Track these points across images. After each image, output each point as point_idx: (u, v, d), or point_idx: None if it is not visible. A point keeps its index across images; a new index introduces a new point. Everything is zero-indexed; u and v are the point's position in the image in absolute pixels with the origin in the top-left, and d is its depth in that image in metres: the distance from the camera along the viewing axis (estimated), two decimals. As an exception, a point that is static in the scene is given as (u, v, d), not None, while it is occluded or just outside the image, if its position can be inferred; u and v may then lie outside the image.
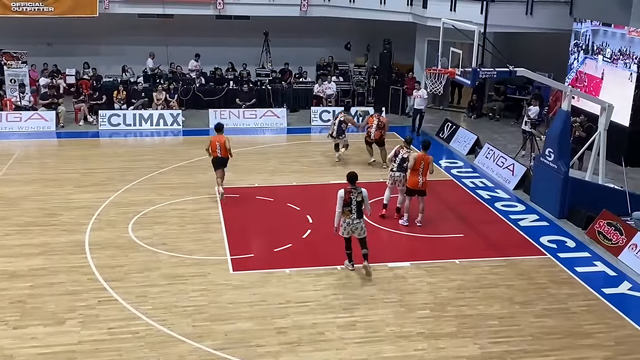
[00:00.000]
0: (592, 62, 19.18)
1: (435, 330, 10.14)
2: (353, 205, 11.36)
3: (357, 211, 11.41)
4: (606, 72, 18.59)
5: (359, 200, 11.40)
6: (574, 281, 11.84)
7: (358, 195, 11.38)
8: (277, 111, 22.59)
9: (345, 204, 11.38)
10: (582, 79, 19.52)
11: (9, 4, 22.81)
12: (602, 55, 18.72)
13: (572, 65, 20.03)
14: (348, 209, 11.38)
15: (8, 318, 10.17)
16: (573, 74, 20.01)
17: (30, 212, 14.42)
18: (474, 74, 14.03)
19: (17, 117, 21.18)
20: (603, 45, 18.68)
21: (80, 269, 11.82)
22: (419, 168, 13.69)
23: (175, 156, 18.60)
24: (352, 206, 11.37)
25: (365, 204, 11.51)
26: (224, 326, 10.08)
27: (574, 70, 19.85)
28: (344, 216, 11.44)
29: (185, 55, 25.10)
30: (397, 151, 14.17)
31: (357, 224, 11.48)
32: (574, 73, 19.98)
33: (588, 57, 19.31)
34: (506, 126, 22.35)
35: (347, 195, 11.38)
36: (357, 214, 11.42)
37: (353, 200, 11.35)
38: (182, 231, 13.57)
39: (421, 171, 13.73)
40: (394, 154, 14.23)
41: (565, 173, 14.52)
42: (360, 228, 11.53)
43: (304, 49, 26.07)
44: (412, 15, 23.46)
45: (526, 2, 21.33)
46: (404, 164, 14.03)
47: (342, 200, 11.37)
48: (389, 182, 14.39)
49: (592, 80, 19.10)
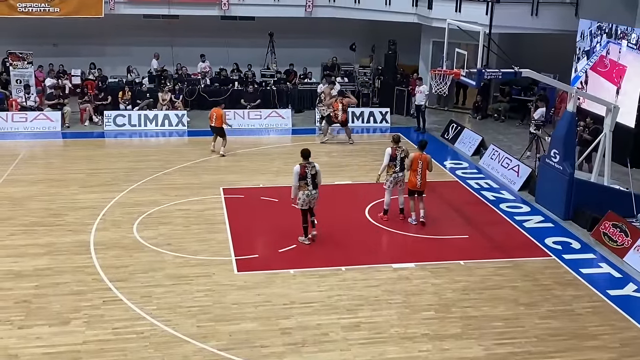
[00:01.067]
0: (615, 47, 18.06)
1: (440, 331, 10.13)
2: (308, 178, 12.61)
3: (312, 183, 12.64)
4: (631, 60, 17.43)
5: (313, 174, 12.63)
6: (579, 283, 11.81)
7: (312, 169, 12.64)
8: (282, 112, 22.61)
9: (301, 177, 12.61)
10: (604, 64, 18.57)
11: (15, 5, 22.90)
12: (627, 40, 17.54)
13: (595, 49, 18.94)
14: (304, 182, 12.63)
15: (13, 318, 10.20)
16: (594, 59, 18.83)
17: (35, 212, 14.47)
18: (479, 75, 14.02)
19: (22, 117, 21.24)
20: (628, 30, 17.50)
21: (85, 269, 11.85)
22: (417, 168, 13.77)
23: (180, 157, 18.64)
24: (307, 179, 12.61)
25: (318, 176, 12.72)
26: (228, 327, 10.09)
27: (597, 54, 18.80)
28: (301, 189, 12.62)
29: (191, 56, 25.14)
30: (393, 155, 14.04)
31: (315, 194, 12.75)
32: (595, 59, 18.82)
33: (611, 42, 18.21)
34: (511, 127, 22.32)
35: (302, 169, 12.64)
36: (312, 186, 12.66)
37: (308, 173, 12.60)
38: (187, 231, 13.59)
39: (419, 171, 13.74)
40: (390, 157, 14.04)
41: (570, 174, 14.49)
42: (316, 198, 12.83)
43: (308, 50, 26.13)
44: (417, 16, 23.47)
45: (531, 3, 21.31)
46: (404, 162, 14.08)
47: (297, 175, 12.61)
48: (390, 184, 14.17)
49: (615, 66, 18.11)
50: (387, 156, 14.00)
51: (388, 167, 13.94)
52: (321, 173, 12.88)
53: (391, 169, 13.93)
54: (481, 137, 19.68)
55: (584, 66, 19.23)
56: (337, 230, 13.78)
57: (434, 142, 20.83)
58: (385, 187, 14.24)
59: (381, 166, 14.13)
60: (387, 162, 14.04)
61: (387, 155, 14.01)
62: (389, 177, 14.07)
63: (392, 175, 14.04)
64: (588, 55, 19.18)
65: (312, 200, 12.80)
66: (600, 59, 18.67)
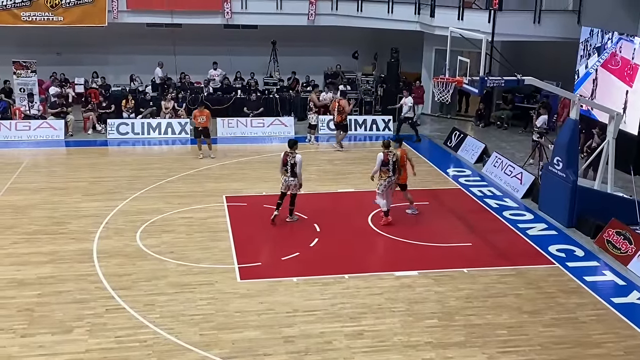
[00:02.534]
0: (628, 45, 17.65)
1: (444, 339, 10.09)
2: (288, 166, 13.92)
3: (291, 171, 13.92)
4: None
5: (292, 163, 13.86)
6: (583, 290, 11.77)
7: (292, 158, 13.89)
8: (285, 120, 22.63)
9: (283, 164, 13.98)
10: (616, 61, 18.14)
11: (19, 14, 23.00)
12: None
13: (606, 46, 18.57)
14: (285, 168, 13.98)
15: (16, 326, 10.19)
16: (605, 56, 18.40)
17: (38, 220, 14.48)
18: (482, 83, 14.02)
19: (26, 125, 21.30)
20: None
21: (88, 277, 11.85)
22: (404, 163, 14.66)
23: (183, 165, 18.66)
24: (287, 167, 13.93)
25: (297, 167, 13.88)
26: (231, 335, 10.07)
27: (608, 51, 18.47)
28: (282, 175, 14.09)
29: (194, 64, 25.21)
30: (385, 160, 14.19)
31: (290, 181, 14.04)
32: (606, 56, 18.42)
33: (623, 38, 17.85)
34: (514, 135, 22.31)
35: (284, 157, 14.01)
36: (290, 174, 13.95)
37: (288, 162, 13.93)
38: (190, 239, 13.59)
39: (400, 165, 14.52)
40: (382, 163, 14.20)
41: (573, 182, 14.46)
42: (293, 185, 14.08)
43: (311, 58, 26.17)
44: (419, 24, 23.50)
45: (534, 10, 21.33)
46: (396, 166, 14.29)
47: (281, 162, 14.05)
48: (384, 188, 14.29)
49: (627, 64, 17.76)
50: (379, 161, 14.17)
51: (382, 172, 14.18)
52: (301, 165, 13.97)
53: (385, 173, 14.17)
54: (484, 144, 19.67)
55: (595, 63, 19.07)
56: (340, 238, 13.77)
57: (437, 150, 20.90)
58: (379, 191, 14.33)
59: (372, 170, 14.52)
60: (378, 167, 14.23)
61: (379, 160, 14.18)
62: (383, 181, 14.23)
63: (386, 180, 14.19)
64: (599, 52, 18.94)
65: (290, 187, 14.09)
66: (611, 56, 18.40)
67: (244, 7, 24.46)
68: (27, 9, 23.01)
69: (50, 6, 23.10)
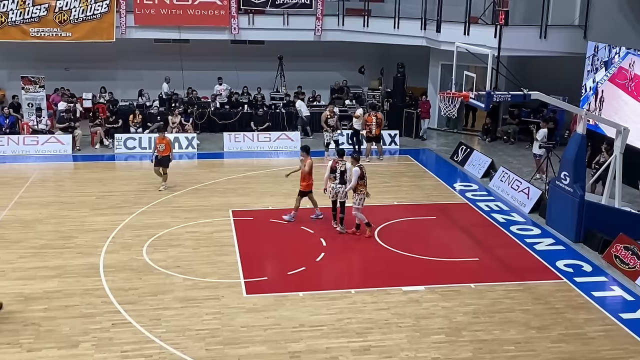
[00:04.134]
0: (638, 59, 17.47)
1: (451, 355, 10.03)
2: (337, 173, 14.37)
3: (340, 178, 14.41)
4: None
5: (342, 170, 14.36)
6: (591, 306, 11.70)
7: (342, 165, 14.37)
8: (291, 134, 22.69)
9: (332, 171, 14.52)
10: (624, 76, 18.11)
11: (28, 30, 23.21)
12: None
13: (613, 60, 18.42)
14: (333, 175, 14.49)
15: (22, 340, 10.19)
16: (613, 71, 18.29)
17: (45, 234, 14.52)
18: (488, 98, 14.03)
19: (34, 140, 21.41)
20: None
21: (95, 291, 11.85)
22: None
23: (190, 179, 18.69)
24: (336, 174, 14.39)
25: (348, 173, 14.26)
26: (237, 350, 10.04)
27: (615, 65, 18.40)
28: (330, 182, 14.60)
29: (201, 79, 25.34)
30: (333, 167, 14.56)
31: (339, 189, 14.49)
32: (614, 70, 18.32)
33: (631, 53, 17.71)
34: (521, 149, 22.28)
35: (333, 164, 14.52)
36: (339, 181, 14.42)
37: (338, 169, 14.38)
38: (196, 254, 13.59)
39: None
40: (331, 170, 14.57)
41: (581, 196, 14.42)
42: (342, 193, 14.48)
43: (317, 73, 26.28)
44: (425, 40, 23.58)
45: (540, 25, 21.36)
46: (344, 176, 14.45)
47: (329, 169, 14.60)
48: (332, 195, 14.58)
49: (636, 79, 17.50)
50: (357, 176, 14.22)
51: (359, 185, 14.30)
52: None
53: (362, 187, 14.35)
54: (491, 159, 19.65)
55: (602, 77, 19.06)
56: (346, 253, 13.74)
57: (444, 164, 20.89)
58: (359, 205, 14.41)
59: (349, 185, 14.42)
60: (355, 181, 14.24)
61: (357, 175, 14.22)
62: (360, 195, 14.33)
63: (363, 193, 14.37)
64: (606, 66, 18.95)
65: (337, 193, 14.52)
66: (619, 71, 18.37)
67: (251, 22, 24.63)
68: (36, 25, 23.22)
69: (59, 22, 23.31)
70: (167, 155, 17.67)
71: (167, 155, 17.69)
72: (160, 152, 17.62)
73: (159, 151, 17.62)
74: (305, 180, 15.13)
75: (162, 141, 17.64)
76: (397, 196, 17.47)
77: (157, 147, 17.72)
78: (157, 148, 17.69)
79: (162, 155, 17.62)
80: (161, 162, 17.66)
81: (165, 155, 17.64)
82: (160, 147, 17.60)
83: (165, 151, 17.61)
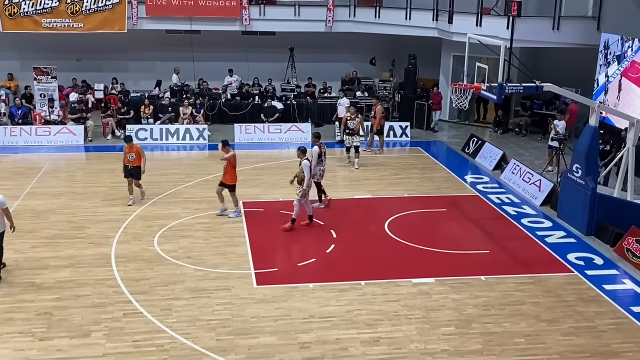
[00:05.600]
0: None
1: (460, 347, 10.03)
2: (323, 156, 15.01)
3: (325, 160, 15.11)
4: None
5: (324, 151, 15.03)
6: (602, 299, 11.65)
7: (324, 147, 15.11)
8: (302, 126, 22.68)
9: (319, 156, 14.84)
10: (637, 69, 17.85)
11: (40, 20, 23.31)
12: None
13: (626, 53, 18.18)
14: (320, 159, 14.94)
15: (35, 329, 10.28)
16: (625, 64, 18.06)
17: (57, 224, 14.61)
18: (500, 89, 13.96)
19: (46, 131, 21.52)
20: None
21: (106, 281, 11.93)
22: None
23: (201, 170, 18.74)
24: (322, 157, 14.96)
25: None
26: (247, 340, 10.08)
27: (628, 59, 18.21)
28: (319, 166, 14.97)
29: (212, 70, 25.39)
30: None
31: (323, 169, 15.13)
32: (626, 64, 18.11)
33: None
34: (533, 142, 22.17)
35: (320, 149, 14.84)
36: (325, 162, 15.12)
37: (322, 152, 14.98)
38: (207, 245, 13.64)
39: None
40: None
41: (592, 189, 14.34)
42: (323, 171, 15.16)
43: (328, 64, 26.23)
44: (437, 31, 23.47)
45: (553, 17, 21.21)
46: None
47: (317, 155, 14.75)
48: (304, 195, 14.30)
49: None
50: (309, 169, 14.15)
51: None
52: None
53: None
54: (502, 151, 19.56)
55: (615, 71, 18.92)
56: (356, 244, 13.75)
57: (455, 156, 20.82)
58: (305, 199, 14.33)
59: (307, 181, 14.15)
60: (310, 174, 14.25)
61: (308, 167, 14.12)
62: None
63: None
64: (619, 60, 18.80)
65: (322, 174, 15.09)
66: (631, 64, 18.22)
67: (262, 13, 24.61)
68: (48, 16, 23.31)
69: (71, 13, 23.39)
70: (138, 166, 15.61)
71: (139, 166, 15.62)
72: (131, 162, 15.57)
73: (129, 161, 15.54)
74: (229, 173, 14.94)
75: (131, 150, 15.51)
76: (408, 188, 17.45)
77: (126, 156, 15.59)
78: (127, 157, 15.57)
79: (133, 165, 15.58)
80: (132, 174, 15.66)
81: (136, 165, 15.61)
82: (130, 156, 15.54)
83: (135, 161, 15.54)
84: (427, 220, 15.32)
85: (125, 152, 15.58)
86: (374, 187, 17.42)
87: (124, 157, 15.66)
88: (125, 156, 15.64)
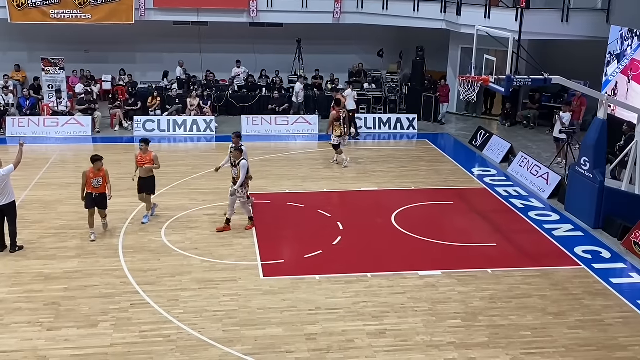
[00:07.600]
0: None
1: (467, 340, 10.04)
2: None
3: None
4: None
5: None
6: (609, 292, 11.62)
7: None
8: (309, 118, 22.66)
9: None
10: (637, 67, 17.79)
11: (48, 11, 23.32)
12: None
13: (626, 52, 18.27)
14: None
15: (43, 319, 10.34)
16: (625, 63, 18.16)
17: (65, 215, 14.66)
18: (508, 82, 13.89)
19: (54, 122, 21.58)
20: None
21: (114, 272, 11.98)
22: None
23: (208, 162, 18.74)
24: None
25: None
26: (253, 331, 10.12)
27: (627, 57, 18.19)
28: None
29: (220, 62, 25.38)
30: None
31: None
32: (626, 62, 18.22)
33: None
34: (541, 134, 22.09)
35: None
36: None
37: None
38: (214, 236, 13.67)
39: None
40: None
41: (600, 182, 14.29)
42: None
43: (336, 56, 26.18)
44: (445, 23, 23.37)
45: (562, 9, 21.08)
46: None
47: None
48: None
49: None
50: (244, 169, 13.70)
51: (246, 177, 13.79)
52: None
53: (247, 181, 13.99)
54: (510, 144, 19.50)
55: (615, 70, 18.87)
56: (363, 237, 13.76)
57: (462, 149, 20.78)
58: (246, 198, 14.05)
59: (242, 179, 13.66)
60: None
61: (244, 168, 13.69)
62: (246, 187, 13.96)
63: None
64: (619, 58, 18.80)
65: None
66: (631, 62, 18.21)
67: (270, 5, 24.54)
68: (56, 7, 23.32)
69: (79, 4, 23.39)
70: (104, 193, 13.16)
71: (104, 193, 13.18)
72: (96, 190, 13.02)
73: (94, 188, 12.98)
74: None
75: (98, 174, 12.99)
76: (415, 181, 17.43)
77: (89, 181, 12.95)
78: (91, 183, 12.95)
79: (99, 192, 13.07)
80: (98, 203, 13.18)
81: (102, 192, 13.15)
82: (95, 182, 12.99)
83: (102, 187, 13.07)
84: (434, 212, 15.31)
85: (90, 176, 12.96)
86: (380, 180, 17.40)
87: (86, 183, 13.01)
88: (88, 182, 12.98)
